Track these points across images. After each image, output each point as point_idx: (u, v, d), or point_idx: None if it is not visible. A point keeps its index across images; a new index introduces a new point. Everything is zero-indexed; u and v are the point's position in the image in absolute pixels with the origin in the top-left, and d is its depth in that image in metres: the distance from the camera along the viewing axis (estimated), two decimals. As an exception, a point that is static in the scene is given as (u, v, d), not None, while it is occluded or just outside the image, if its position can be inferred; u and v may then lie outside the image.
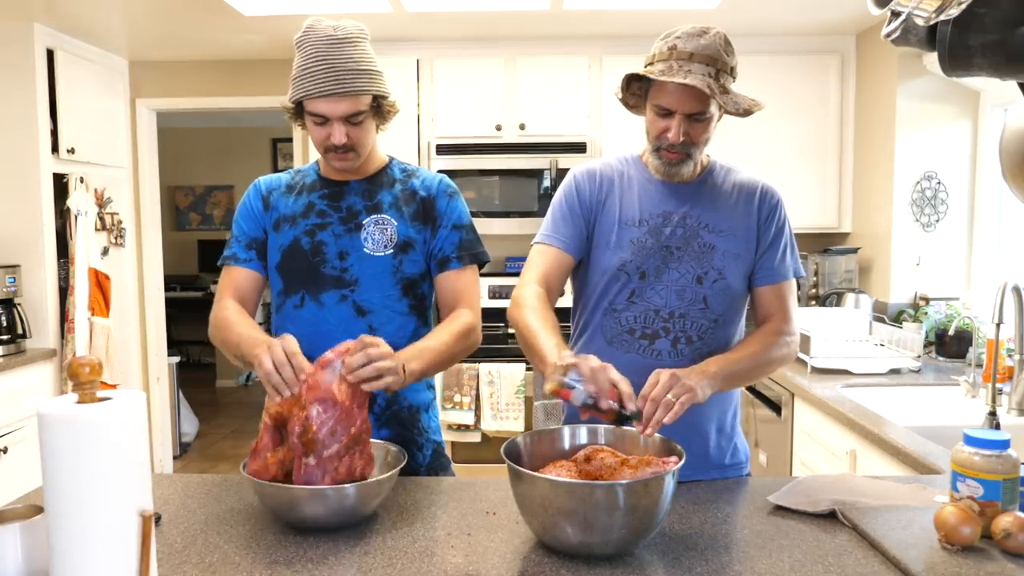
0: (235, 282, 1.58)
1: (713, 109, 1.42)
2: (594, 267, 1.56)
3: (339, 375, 1.26)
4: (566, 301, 1.70)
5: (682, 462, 1.18)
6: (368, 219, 1.55)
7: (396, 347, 1.53)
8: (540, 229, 1.60)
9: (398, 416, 1.56)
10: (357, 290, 1.53)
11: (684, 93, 1.40)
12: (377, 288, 1.53)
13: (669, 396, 1.24)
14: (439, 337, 1.49)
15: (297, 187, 1.61)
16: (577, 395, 1.19)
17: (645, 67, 1.44)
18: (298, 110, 1.50)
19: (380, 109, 1.51)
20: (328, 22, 1.46)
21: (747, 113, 1.41)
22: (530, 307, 1.44)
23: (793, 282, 1.56)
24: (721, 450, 1.56)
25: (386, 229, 1.54)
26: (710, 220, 1.52)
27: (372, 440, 1.40)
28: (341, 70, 1.43)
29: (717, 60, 1.39)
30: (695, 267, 1.50)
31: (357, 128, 1.48)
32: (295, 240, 1.55)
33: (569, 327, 1.65)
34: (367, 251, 1.53)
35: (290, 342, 1.30)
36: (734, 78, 1.45)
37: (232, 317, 1.51)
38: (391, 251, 1.54)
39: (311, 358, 1.51)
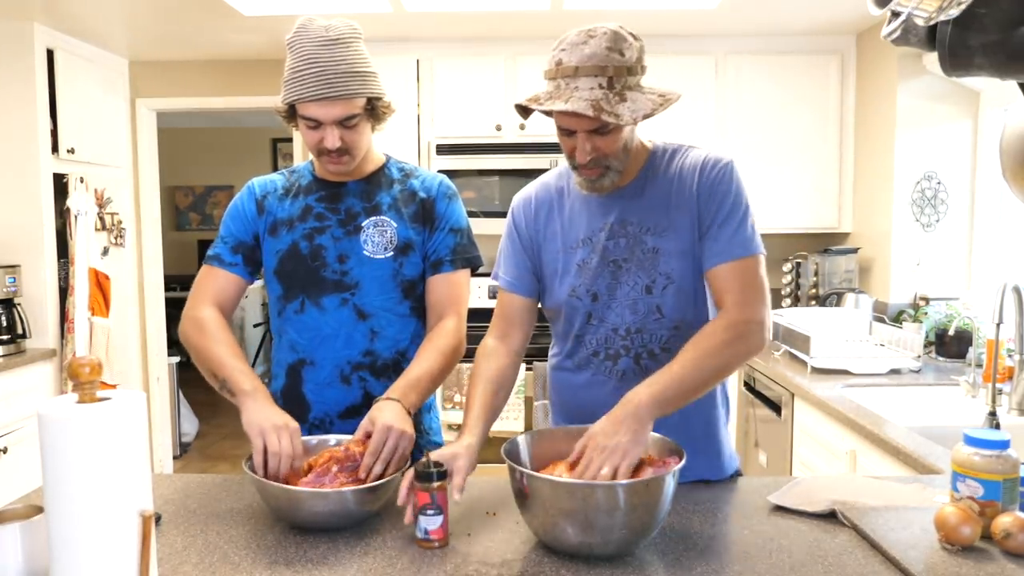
0: (217, 285, 1.54)
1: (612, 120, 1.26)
2: (550, 297, 1.50)
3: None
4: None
5: (682, 462, 1.18)
6: (367, 221, 1.53)
7: (400, 349, 1.53)
8: (496, 263, 1.55)
9: None
10: (358, 293, 1.52)
11: (574, 114, 1.27)
12: (378, 291, 1.52)
13: (604, 471, 1.15)
14: (429, 361, 1.48)
15: (292, 189, 1.58)
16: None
17: (545, 79, 1.33)
18: (291, 112, 1.47)
19: (375, 111, 1.48)
20: (320, 22, 1.43)
21: (653, 115, 1.27)
22: (479, 376, 1.44)
23: (755, 259, 1.35)
24: (702, 451, 1.49)
25: (386, 231, 1.53)
26: (650, 221, 1.40)
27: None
28: (332, 73, 1.39)
29: (607, 67, 1.25)
30: (643, 277, 1.40)
31: (351, 131, 1.45)
32: (293, 244, 1.53)
33: (546, 343, 1.61)
34: (367, 254, 1.52)
35: (297, 441, 1.32)
36: (640, 72, 1.31)
37: (216, 330, 1.49)
38: (391, 254, 1.52)
39: (314, 362, 1.51)
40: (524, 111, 1.37)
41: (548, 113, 1.39)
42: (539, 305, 1.55)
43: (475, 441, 1.33)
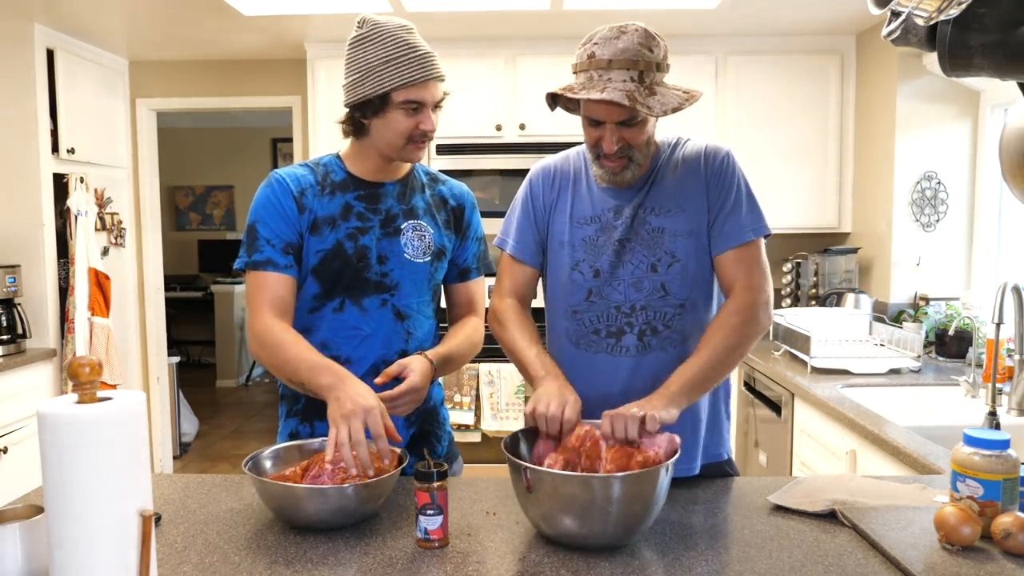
0: (274, 292, 1.46)
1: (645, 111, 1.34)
2: (551, 268, 1.56)
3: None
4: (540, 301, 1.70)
5: (676, 456, 1.21)
6: (406, 224, 1.55)
7: (424, 349, 1.55)
8: (502, 230, 1.61)
9: (424, 412, 1.59)
10: (397, 294, 1.53)
11: (608, 104, 1.34)
12: (415, 293, 1.55)
13: (635, 411, 1.25)
14: (459, 339, 1.58)
15: (327, 185, 1.53)
16: None
17: (574, 73, 1.39)
18: (367, 107, 1.45)
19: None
20: (381, 17, 1.47)
21: (680, 109, 1.35)
22: (509, 321, 1.51)
23: (757, 244, 1.46)
24: (706, 441, 1.54)
25: (424, 236, 1.56)
26: (656, 203, 1.47)
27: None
28: (430, 55, 1.45)
29: (638, 61, 1.33)
30: (648, 255, 1.46)
31: (436, 114, 1.50)
32: (337, 244, 1.50)
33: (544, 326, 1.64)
34: (408, 257, 1.53)
35: (377, 420, 1.28)
36: (665, 70, 1.39)
37: (281, 336, 1.42)
38: (428, 258, 1.56)
39: (349, 361, 1.50)
40: (553, 100, 1.45)
41: (569, 108, 1.49)
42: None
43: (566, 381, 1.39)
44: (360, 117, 1.48)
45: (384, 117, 1.46)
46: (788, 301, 3.71)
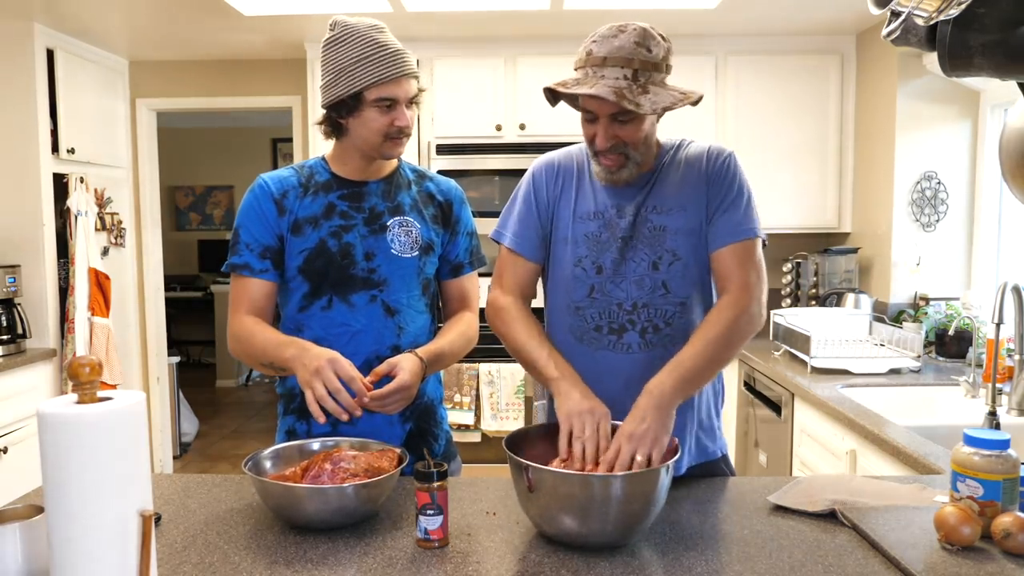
0: (250, 294, 1.54)
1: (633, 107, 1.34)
2: (554, 263, 1.56)
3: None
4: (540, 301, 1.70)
5: (676, 457, 1.22)
6: (392, 221, 1.56)
7: (419, 344, 1.57)
8: (500, 223, 1.59)
9: (420, 410, 1.60)
10: (386, 290, 1.54)
11: (597, 99, 1.36)
12: (404, 288, 1.56)
13: (639, 459, 1.23)
14: (451, 335, 1.59)
15: (311, 187, 1.56)
16: None
17: (575, 70, 1.41)
18: (340, 106, 1.47)
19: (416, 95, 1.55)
20: (352, 18, 1.49)
21: (672, 108, 1.35)
22: (514, 320, 1.50)
23: (753, 243, 1.45)
24: (699, 439, 1.55)
25: (411, 231, 1.57)
26: (658, 201, 1.48)
27: (375, 442, 1.41)
28: (402, 53, 1.47)
29: (632, 60, 1.34)
30: (649, 253, 1.47)
31: (411, 111, 1.51)
32: (321, 242, 1.52)
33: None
34: (394, 252, 1.55)
35: (344, 366, 1.35)
36: (665, 70, 1.39)
37: (252, 327, 1.51)
38: (416, 253, 1.57)
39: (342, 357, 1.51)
40: (553, 96, 1.45)
41: (574, 105, 1.49)
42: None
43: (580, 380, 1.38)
44: (337, 117, 1.51)
45: (359, 116, 1.48)
46: (788, 301, 3.71)
